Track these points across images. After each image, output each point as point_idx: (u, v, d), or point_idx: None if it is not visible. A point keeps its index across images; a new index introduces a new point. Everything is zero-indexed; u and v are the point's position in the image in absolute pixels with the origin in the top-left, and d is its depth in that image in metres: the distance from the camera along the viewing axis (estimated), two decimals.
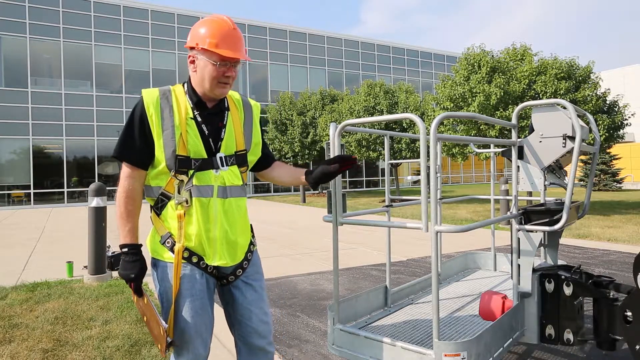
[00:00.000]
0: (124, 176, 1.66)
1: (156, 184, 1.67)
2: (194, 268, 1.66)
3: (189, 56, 1.67)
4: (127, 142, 1.65)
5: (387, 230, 2.69)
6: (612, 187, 21.50)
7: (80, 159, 21.17)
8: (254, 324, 1.77)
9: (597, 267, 5.49)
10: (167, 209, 1.65)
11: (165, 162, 1.62)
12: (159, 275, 1.69)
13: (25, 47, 20.16)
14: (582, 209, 2.67)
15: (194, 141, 1.64)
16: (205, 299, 1.69)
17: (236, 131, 1.75)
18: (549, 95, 11.28)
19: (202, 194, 1.63)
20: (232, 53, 1.61)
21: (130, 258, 1.65)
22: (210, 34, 1.61)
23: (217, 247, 1.66)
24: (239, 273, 1.75)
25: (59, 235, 9.80)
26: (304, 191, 18.95)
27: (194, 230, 1.63)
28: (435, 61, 33.49)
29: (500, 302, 2.31)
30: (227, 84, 1.68)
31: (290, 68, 27.28)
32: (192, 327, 1.65)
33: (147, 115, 1.63)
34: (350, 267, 5.80)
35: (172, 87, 1.72)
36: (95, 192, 5.25)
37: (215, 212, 1.65)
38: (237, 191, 1.72)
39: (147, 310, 1.65)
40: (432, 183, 1.94)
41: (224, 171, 1.68)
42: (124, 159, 1.66)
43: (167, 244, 1.65)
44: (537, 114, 2.40)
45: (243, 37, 1.69)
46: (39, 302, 4.34)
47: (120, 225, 1.66)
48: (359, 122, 2.02)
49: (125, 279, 1.65)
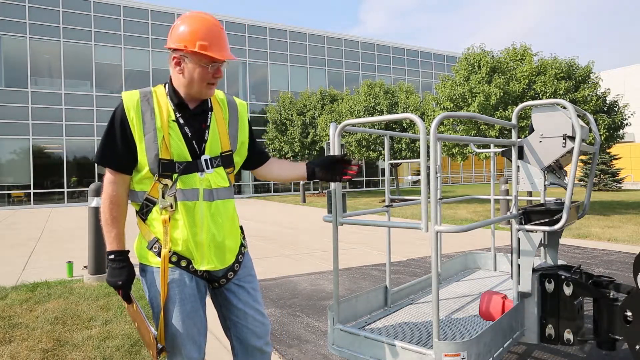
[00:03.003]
0: (107, 182, 1.62)
1: (140, 188, 1.63)
2: (182, 272, 1.63)
3: (174, 57, 1.60)
4: (109, 147, 1.60)
5: (387, 230, 2.69)
6: (612, 187, 21.50)
7: (80, 159, 21.17)
8: (250, 324, 1.75)
9: (597, 267, 5.49)
10: (152, 213, 1.62)
11: (148, 166, 1.58)
12: (147, 281, 1.66)
13: (25, 47, 20.16)
14: (582, 209, 2.67)
15: (176, 144, 1.60)
16: (196, 302, 1.66)
17: (220, 132, 1.70)
18: (548, 95, 11.28)
19: (187, 197, 1.60)
20: (222, 54, 1.58)
21: (118, 265, 1.62)
22: (198, 35, 1.55)
23: (205, 252, 1.63)
24: (230, 276, 1.73)
25: (59, 235, 9.80)
26: (304, 191, 18.95)
27: (180, 234, 1.60)
28: (435, 61, 33.49)
29: (500, 302, 2.31)
30: (215, 84, 1.65)
31: (290, 68, 27.28)
32: (184, 331, 1.63)
33: (128, 119, 1.58)
34: (350, 267, 5.80)
35: (153, 89, 1.66)
36: (95, 192, 5.25)
37: (202, 215, 1.61)
38: (224, 193, 1.68)
39: (137, 317, 1.64)
40: (432, 183, 1.94)
41: (210, 173, 1.64)
42: (105, 164, 1.61)
43: (154, 249, 1.62)
44: (537, 114, 2.40)
45: (226, 35, 1.65)
46: (39, 302, 4.34)
47: (106, 232, 1.63)
48: (359, 122, 2.02)
49: (113, 286, 1.62)
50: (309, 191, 25.81)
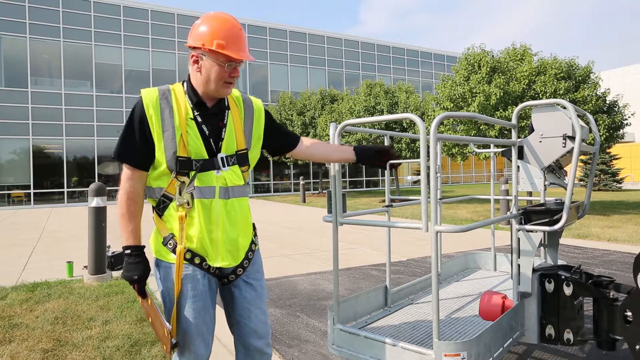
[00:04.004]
0: (125, 178, 1.64)
1: (157, 185, 1.65)
2: (195, 269, 1.65)
3: (192, 55, 1.64)
4: (127, 144, 1.63)
5: (387, 230, 2.69)
6: (612, 187, 21.50)
7: (80, 159, 21.16)
8: (253, 324, 1.76)
9: (597, 267, 5.49)
10: (168, 210, 1.64)
11: (166, 163, 1.60)
12: (161, 276, 1.69)
13: (25, 47, 20.15)
14: (582, 209, 2.67)
15: (194, 142, 1.62)
16: (207, 300, 1.68)
17: (237, 130, 1.73)
18: (548, 95, 11.28)
19: (204, 195, 1.62)
20: (239, 54, 1.61)
21: (133, 260, 1.65)
22: (217, 34, 1.58)
23: (219, 249, 1.66)
24: (240, 272, 1.75)
25: (59, 235, 9.79)
26: (304, 191, 18.95)
27: (195, 232, 1.62)
28: (435, 61, 33.48)
29: (500, 302, 2.31)
30: (232, 83, 1.67)
31: (290, 68, 27.28)
32: (194, 327, 1.65)
33: (147, 116, 1.60)
34: (350, 267, 5.80)
35: (172, 87, 1.69)
36: (95, 192, 5.25)
37: (217, 213, 1.64)
38: (239, 191, 1.71)
39: (151, 312, 1.66)
40: (432, 183, 1.94)
41: (225, 171, 1.67)
42: (123, 160, 1.64)
43: (169, 245, 1.64)
44: (537, 114, 2.40)
45: (246, 36, 1.68)
46: (39, 302, 4.34)
47: (123, 227, 1.66)
48: (359, 122, 2.02)
49: (128, 280, 1.65)
50: (309, 191, 25.80)
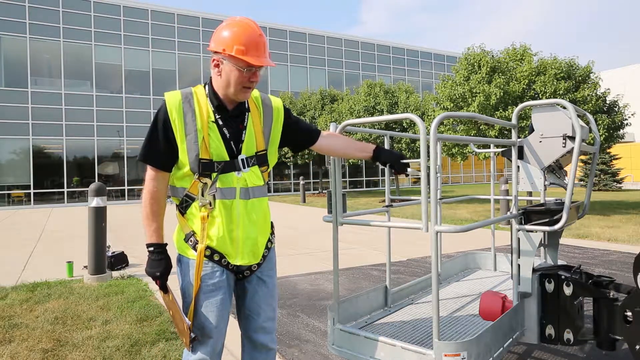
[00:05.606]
0: (149, 178, 1.72)
1: (181, 185, 1.71)
2: (215, 265, 1.71)
3: (213, 59, 1.69)
4: (152, 146, 1.69)
5: (387, 230, 2.69)
6: (612, 187, 21.50)
7: (80, 159, 21.16)
8: (262, 319, 1.83)
9: (597, 267, 5.49)
10: (191, 209, 1.70)
11: (189, 165, 1.66)
12: (182, 271, 1.76)
13: (25, 47, 20.16)
14: (582, 209, 2.67)
15: (216, 145, 1.68)
16: (225, 295, 1.74)
17: (256, 132, 1.77)
18: (548, 95, 11.28)
19: (226, 196, 1.68)
20: (259, 60, 1.64)
21: (156, 257, 1.72)
22: (237, 40, 1.61)
23: (240, 248, 1.72)
24: (254, 268, 1.80)
25: (59, 235, 9.80)
26: (304, 191, 18.95)
27: (216, 231, 1.68)
28: (435, 61, 33.49)
29: (500, 302, 2.31)
30: (251, 88, 1.71)
31: (290, 68, 27.28)
32: (211, 322, 1.71)
33: (170, 120, 1.66)
34: (350, 267, 5.80)
35: (194, 89, 1.74)
36: (95, 192, 5.25)
37: (238, 213, 1.69)
38: (259, 191, 1.76)
39: (172, 307, 1.72)
40: (432, 183, 1.94)
41: (246, 173, 1.72)
42: (148, 162, 1.71)
43: (190, 242, 1.70)
44: (537, 114, 2.40)
45: (267, 42, 1.70)
46: (39, 302, 4.34)
47: (146, 225, 1.73)
48: (359, 122, 2.02)
49: (151, 276, 1.73)
50: (309, 191, 25.80)
